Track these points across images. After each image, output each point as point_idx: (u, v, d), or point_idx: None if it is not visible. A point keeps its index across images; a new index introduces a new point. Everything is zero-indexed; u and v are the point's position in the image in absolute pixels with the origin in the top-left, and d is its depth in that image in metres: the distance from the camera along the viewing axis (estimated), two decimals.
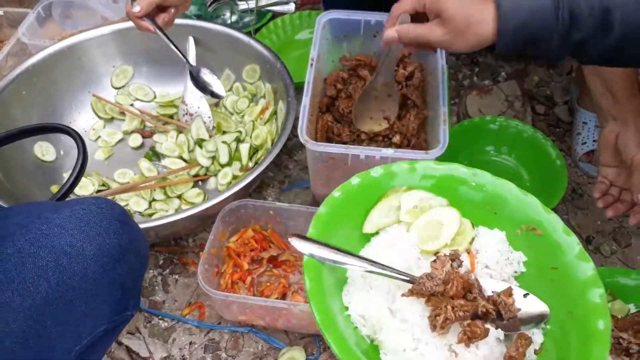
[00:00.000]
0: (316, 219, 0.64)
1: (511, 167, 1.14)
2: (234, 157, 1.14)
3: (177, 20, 1.18)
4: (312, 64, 0.97)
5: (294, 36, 1.44)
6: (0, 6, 1.44)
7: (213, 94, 1.16)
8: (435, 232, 0.66)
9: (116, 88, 1.28)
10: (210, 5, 1.43)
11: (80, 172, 0.75)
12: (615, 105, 0.89)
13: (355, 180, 0.69)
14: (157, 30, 1.05)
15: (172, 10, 1.07)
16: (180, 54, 1.10)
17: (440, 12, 0.71)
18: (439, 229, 0.66)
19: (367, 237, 0.68)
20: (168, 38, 1.07)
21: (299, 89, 1.04)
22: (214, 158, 1.14)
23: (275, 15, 1.46)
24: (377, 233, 0.68)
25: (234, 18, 1.45)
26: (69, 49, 1.20)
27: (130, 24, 1.23)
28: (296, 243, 0.60)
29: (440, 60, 0.96)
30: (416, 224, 0.66)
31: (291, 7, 1.45)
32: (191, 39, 1.24)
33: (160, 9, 1.05)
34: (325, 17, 1.04)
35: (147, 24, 1.04)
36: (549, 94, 1.31)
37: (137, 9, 1.01)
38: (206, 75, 1.17)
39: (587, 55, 0.69)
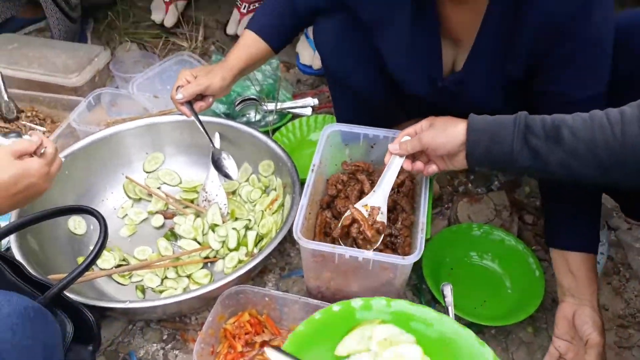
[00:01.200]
0: (294, 335, 0.75)
1: (494, 272, 1.23)
2: (241, 242, 1.27)
3: (208, 118, 1.37)
4: (313, 169, 1.12)
5: (308, 136, 1.60)
6: (57, 93, 1.66)
7: (227, 175, 1.34)
8: None
9: (147, 172, 1.45)
10: (237, 104, 1.63)
11: (100, 249, 0.88)
12: (576, 286, 1.00)
13: (335, 307, 0.81)
14: (192, 115, 1.24)
15: (210, 99, 1.26)
16: (208, 137, 1.30)
17: (433, 123, 0.94)
18: None
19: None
20: (200, 123, 1.28)
21: (304, 183, 1.17)
22: (224, 242, 1.27)
23: (294, 116, 1.64)
24: (347, 356, 0.76)
25: (258, 117, 1.63)
26: (110, 137, 1.39)
27: (164, 118, 1.44)
28: (271, 354, 0.68)
29: (425, 182, 1.09)
30: (384, 355, 0.75)
31: (308, 110, 1.64)
32: (217, 134, 1.41)
33: (200, 97, 1.24)
34: (330, 129, 1.19)
35: (185, 108, 1.23)
36: (538, 205, 1.41)
37: (179, 96, 1.23)
38: (225, 160, 1.35)
39: (545, 162, 0.82)
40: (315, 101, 1.65)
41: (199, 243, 1.29)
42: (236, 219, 1.33)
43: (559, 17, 0.90)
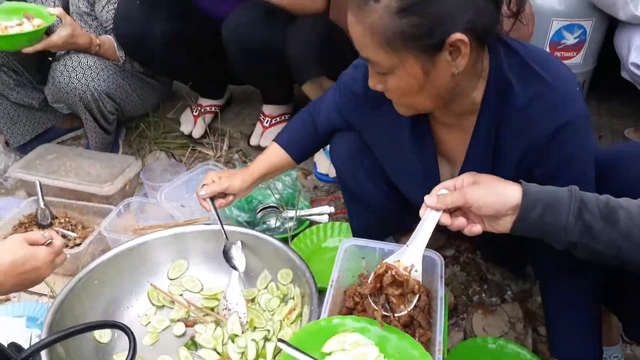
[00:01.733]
0: (295, 336, 1.03)
1: None
2: (260, 354, 1.29)
3: (230, 227, 1.45)
4: (332, 285, 1.17)
5: (325, 242, 1.67)
6: (90, 201, 1.77)
7: (234, 267, 1.39)
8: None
9: (171, 279, 1.51)
10: (259, 212, 1.72)
11: None
12: None
13: (322, 322, 1.06)
14: (212, 210, 1.33)
15: (230, 198, 1.36)
16: (222, 230, 1.38)
17: (477, 180, 0.92)
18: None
19: (324, 355, 1.02)
20: (218, 217, 1.36)
21: (322, 292, 1.23)
22: (243, 353, 1.30)
23: (312, 222, 1.72)
24: (330, 353, 1.01)
25: (278, 224, 1.71)
26: (138, 246, 1.46)
27: (190, 227, 1.52)
28: (282, 346, 0.94)
29: (440, 291, 1.13)
30: (352, 352, 1.00)
31: (325, 218, 1.72)
32: (239, 242, 1.48)
33: (222, 195, 1.34)
34: (347, 243, 1.26)
35: (206, 203, 1.32)
36: None
37: (202, 192, 1.33)
38: (235, 252, 1.41)
39: (595, 240, 0.85)
40: (332, 209, 1.74)
41: (218, 353, 1.32)
42: (255, 328, 1.37)
43: (536, 140, 0.98)
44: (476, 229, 0.93)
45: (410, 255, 1.01)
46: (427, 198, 0.95)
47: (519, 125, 1.00)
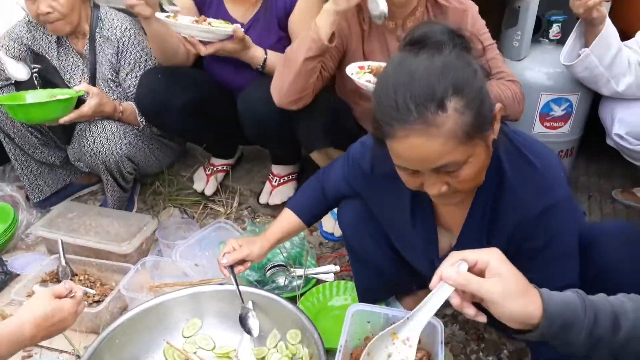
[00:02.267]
0: None
1: None
2: None
3: (242, 288, 1.55)
4: (340, 350, 1.26)
5: (329, 301, 1.76)
6: (108, 259, 1.87)
7: (249, 332, 1.49)
8: None
9: (185, 337, 1.59)
10: (268, 270, 1.82)
11: None
12: None
13: None
14: (231, 276, 1.43)
15: (248, 264, 1.46)
16: (239, 296, 1.47)
17: (501, 272, 0.87)
18: None
19: None
20: (236, 284, 1.45)
21: (329, 352, 1.31)
22: None
23: (318, 281, 1.82)
24: None
25: (286, 282, 1.81)
26: (156, 306, 1.55)
27: (205, 287, 1.61)
28: None
29: (440, 355, 1.23)
30: None
31: (330, 276, 1.82)
32: (250, 302, 1.58)
33: (240, 262, 1.44)
34: (354, 308, 1.36)
35: (226, 271, 1.43)
36: None
37: (224, 261, 1.44)
38: (250, 318, 1.51)
39: (600, 351, 0.87)
40: (337, 267, 1.84)
41: None
42: None
43: (525, 219, 1.09)
44: (482, 319, 0.90)
45: (409, 329, 1.00)
46: (446, 271, 0.89)
47: (511, 205, 1.12)
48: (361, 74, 1.53)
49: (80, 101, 1.81)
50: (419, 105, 0.92)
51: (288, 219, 1.51)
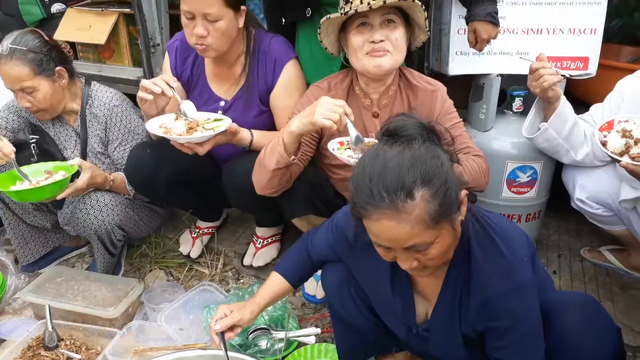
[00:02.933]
0: None
1: None
2: None
3: (230, 353, 1.59)
4: None
5: None
6: (95, 323, 1.91)
7: None
8: None
9: None
10: (250, 334, 1.87)
11: None
12: None
13: None
14: (221, 343, 1.47)
15: (238, 330, 1.51)
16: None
17: None
18: None
19: None
20: (225, 349, 1.49)
21: None
22: None
23: (300, 344, 1.87)
24: None
25: (268, 345, 1.86)
26: None
27: (189, 353, 1.66)
28: None
29: None
30: None
31: (312, 339, 1.87)
32: None
33: (231, 328, 1.49)
34: None
35: (216, 337, 1.48)
36: None
37: (217, 327, 1.48)
38: None
39: None
40: (318, 330, 1.88)
41: None
42: None
43: (489, 300, 1.19)
44: None
45: None
46: None
47: (479, 282, 1.21)
48: (342, 149, 1.64)
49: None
50: (390, 193, 1.04)
51: (276, 282, 1.59)
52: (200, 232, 2.36)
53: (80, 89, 2.07)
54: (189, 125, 1.70)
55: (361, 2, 1.53)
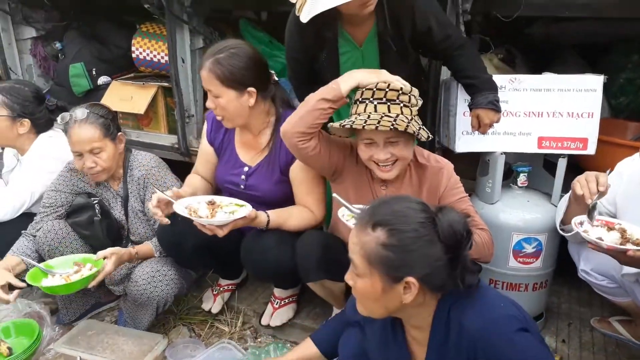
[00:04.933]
0: None
1: None
2: None
3: None
4: None
5: None
6: None
7: None
8: None
9: None
10: None
11: None
12: None
13: None
14: None
15: None
16: None
17: None
18: None
19: None
20: None
21: None
22: None
23: None
24: None
25: None
26: None
27: None
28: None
29: None
30: None
31: None
32: None
33: None
34: None
35: None
36: None
37: None
38: None
39: None
40: None
41: None
42: None
43: (479, 342, 1.26)
44: None
45: None
46: None
47: (464, 328, 1.30)
48: (350, 217, 1.79)
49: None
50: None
51: (307, 346, 1.73)
52: (222, 289, 2.50)
53: (122, 157, 2.30)
54: (212, 208, 1.88)
55: (367, 119, 1.69)
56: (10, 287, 2.09)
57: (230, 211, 1.89)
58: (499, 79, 2.05)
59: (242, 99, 1.99)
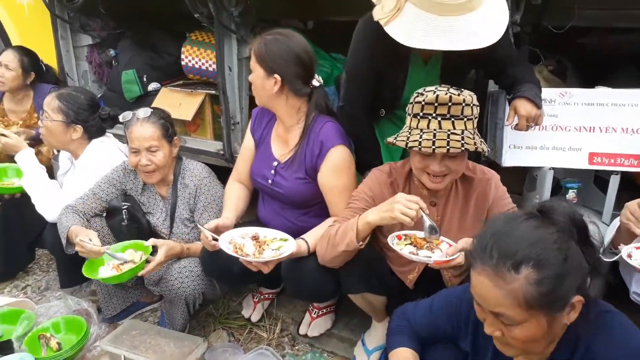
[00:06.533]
0: None
1: None
2: None
3: None
4: None
5: None
6: None
7: None
8: None
9: None
10: None
11: None
12: None
13: None
14: None
15: None
16: None
17: None
18: None
19: None
20: None
21: None
22: None
23: None
24: None
25: None
26: None
27: None
28: None
29: None
30: None
31: None
32: None
33: None
34: None
35: None
36: None
37: None
38: None
39: None
40: None
41: None
42: None
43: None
44: None
45: None
46: None
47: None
48: (402, 244, 1.76)
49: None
50: (500, 256, 1.13)
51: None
52: (262, 297, 2.53)
53: (174, 162, 2.37)
54: (258, 245, 1.94)
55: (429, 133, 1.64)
56: None
57: (277, 247, 1.93)
58: (548, 92, 2.00)
59: (267, 82, 2.04)
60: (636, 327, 1.24)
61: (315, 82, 2.12)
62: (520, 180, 2.24)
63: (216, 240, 1.93)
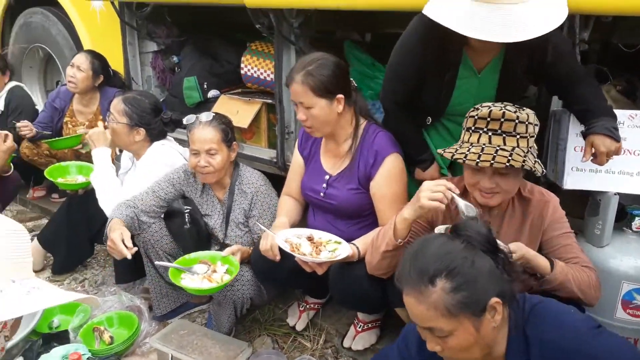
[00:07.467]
0: None
1: None
2: None
3: None
4: None
5: None
6: None
7: None
8: None
9: None
10: None
11: None
12: None
13: None
14: None
15: None
16: None
17: None
18: None
19: None
20: None
21: None
22: None
23: None
24: None
25: None
26: None
27: None
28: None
29: None
30: None
31: None
32: None
33: None
34: None
35: None
36: None
37: None
38: None
39: None
40: None
41: None
42: None
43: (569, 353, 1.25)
44: None
45: None
46: None
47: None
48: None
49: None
50: (418, 274, 1.26)
51: None
52: (308, 306, 2.53)
53: (231, 167, 2.43)
54: (315, 246, 1.99)
55: (474, 147, 1.64)
56: None
57: (332, 249, 1.97)
58: (616, 114, 1.91)
59: (332, 107, 2.04)
60: (566, 306, 1.38)
61: (354, 84, 2.17)
62: (583, 203, 2.14)
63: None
